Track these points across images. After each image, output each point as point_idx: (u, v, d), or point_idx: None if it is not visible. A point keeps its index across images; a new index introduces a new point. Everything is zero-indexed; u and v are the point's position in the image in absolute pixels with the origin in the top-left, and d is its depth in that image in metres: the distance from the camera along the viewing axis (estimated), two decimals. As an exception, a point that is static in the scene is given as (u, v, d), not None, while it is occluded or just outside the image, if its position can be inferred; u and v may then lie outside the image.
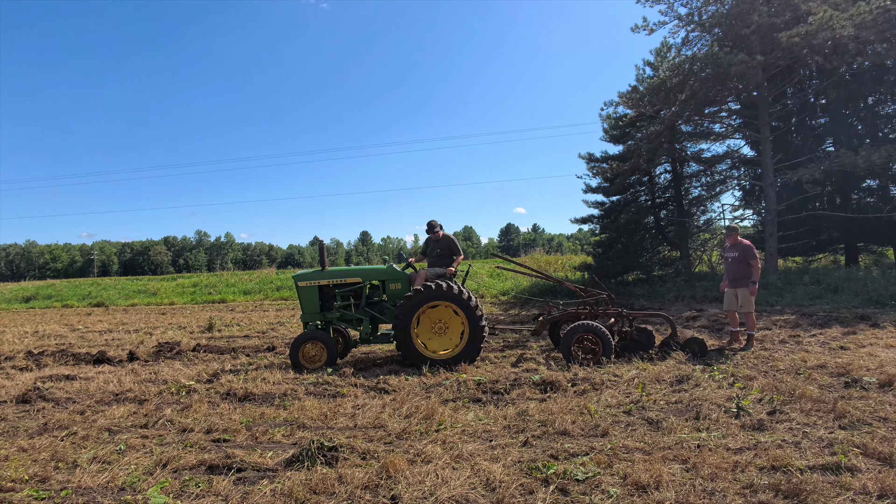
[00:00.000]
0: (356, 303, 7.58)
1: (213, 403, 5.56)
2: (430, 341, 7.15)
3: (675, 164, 20.14)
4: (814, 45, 13.91)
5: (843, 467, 3.42)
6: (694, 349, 6.97)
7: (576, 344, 6.77)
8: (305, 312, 7.65)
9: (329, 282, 7.63)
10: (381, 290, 7.73)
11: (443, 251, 7.86)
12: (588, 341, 6.77)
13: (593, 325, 6.80)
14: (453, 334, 7.14)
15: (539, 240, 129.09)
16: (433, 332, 7.18)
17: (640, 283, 17.91)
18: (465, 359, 6.99)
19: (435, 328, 7.17)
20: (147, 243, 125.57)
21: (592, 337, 6.76)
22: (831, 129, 17.67)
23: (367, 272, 7.77)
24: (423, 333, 7.15)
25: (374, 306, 7.67)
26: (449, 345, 7.13)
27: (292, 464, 3.79)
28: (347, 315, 7.52)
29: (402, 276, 7.62)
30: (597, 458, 3.71)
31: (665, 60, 17.61)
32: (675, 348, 7.03)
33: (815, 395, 4.92)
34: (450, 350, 7.07)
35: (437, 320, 7.16)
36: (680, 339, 7.19)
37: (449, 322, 7.15)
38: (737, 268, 7.83)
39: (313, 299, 7.61)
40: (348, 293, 7.62)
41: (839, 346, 7.37)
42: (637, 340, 7.24)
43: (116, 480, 3.61)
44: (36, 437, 4.68)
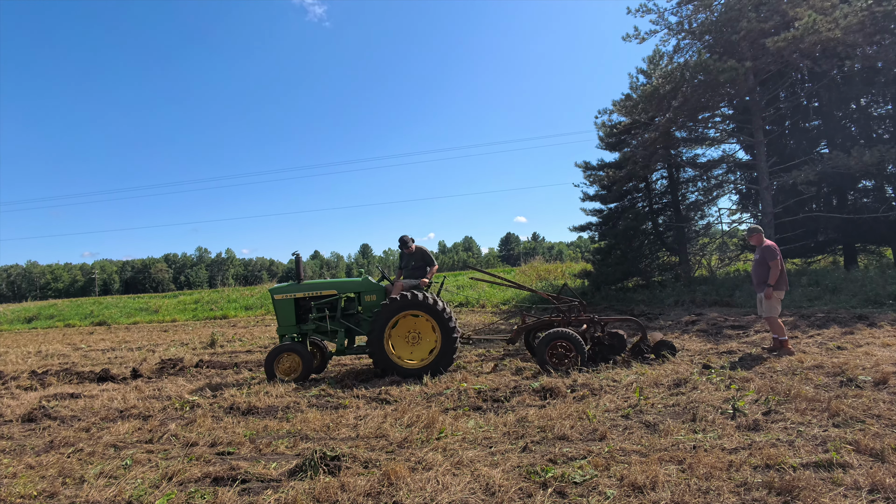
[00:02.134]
0: (332, 315, 7.66)
1: (216, 417, 5.63)
2: (404, 351, 7.23)
3: (671, 169, 20.30)
4: (802, 49, 14.11)
5: (835, 464, 3.49)
6: (664, 351, 7.17)
7: (550, 350, 6.91)
8: (282, 325, 7.74)
9: (305, 294, 7.72)
10: (357, 303, 7.84)
11: (417, 263, 8.00)
12: (562, 347, 6.92)
13: (567, 331, 6.96)
14: (427, 344, 7.22)
15: (539, 248, 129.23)
16: (407, 342, 7.26)
17: (640, 288, 17.97)
18: (437, 368, 7.05)
19: (409, 338, 7.26)
20: (148, 261, 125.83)
21: (566, 343, 6.92)
22: (825, 132, 17.83)
23: (342, 285, 7.88)
24: (397, 343, 7.24)
25: (349, 318, 7.77)
26: (422, 354, 7.20)
27: (296, 474, 3.86)
28: (323, 327, 7.60)
29: (378, 288, 7.73)
30: (594, 461, 3.77)
31: (657, 68, 17.83)
32: (647, 351, 7.20)
33: (811, 395, 4.98)
34: (423, 359, 7.15)
35: (411, 330, 7.25)
36: (650, 343, 7.36)
37: (422, 332, 7.24)
38: (758, 270, 7.52)
39: (289, 312, 7.70)
40: (324, 305, 7.71)
41: (836, 347, 7.43)
42: (609, 345, 7.37)
43: (123, 494, 3.68)
44: (43, 454, 4.75)
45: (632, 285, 18.76)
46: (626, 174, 18.22)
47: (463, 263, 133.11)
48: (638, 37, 17.42)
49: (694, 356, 7.45)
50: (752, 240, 7.70)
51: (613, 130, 20.56)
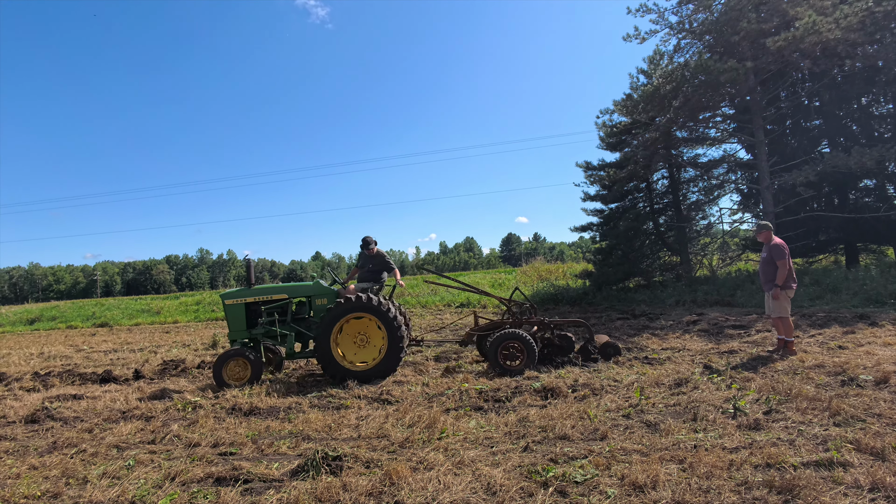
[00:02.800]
0: (282, 319, 7.65)
1: (218, 418, 5.65)
2: (353, 354, 7.21)
3: (672, 169, 20.28)
4: (802, 49, 14.10)
5: (835, 462, 3.50)
6: (609, 352, 7.43)
7: (502, 351, 7.02)
8: (232, 330, 7.67)
9: (256, 299, 7.68)
10: (308, 307, 7.83)
11: (375, 266, 8.02)
12: (513, 348, 7.03)
13: (518, 332, 7.08)
14: (374, 346, 7.21)
15: (540, 249, 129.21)
16: (355, 345, 7.25)
17: (641, 288, 17.96)
18: (384, 371, 7.04)
19: (357, 340, 7.24)
20: (149, 262, 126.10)
21: (518, 344, 7.03)
22: (826, 131, 17.80)
23: (293, 289, 7.86)
24: (345, 346, 7.21)
25: (300, 322, 7.75)
26: (370, 356, 7.19)
27: (298, 474, 3.88)
28: (273, 332, 7.55)
29: (329, 292, 7.70)
30: (595, 461, 3.79)
31: (658, 68, 17.83)
32: (593, 352, 7.42)
33: (812, 394, 4.99)
34: (370, 362, 7.13)
35: (359, 333, 7.24)
36: (597, 344, 7.57)
37: (370, 334, 7.23)
38: (766, 269, 7.33)
39: (240, 317, 7.64)
40: (274, 310, 7.68)
41: (837, 346, 7.43)
42: (559, 346, 7.56)
43: (126, 494, 3.70)
44: (46, 455, 4.77)
45: (633, 285, 18.75)
46: (627, 174, 18.22)
47: (464, 264, 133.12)
48: (638, 37, 17.42)
49: (695, 356, 7.45)
50: (760, 237, 7.51)
51: (614, 130, 20.55)
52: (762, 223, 7.45)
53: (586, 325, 7.77)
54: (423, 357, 8.82)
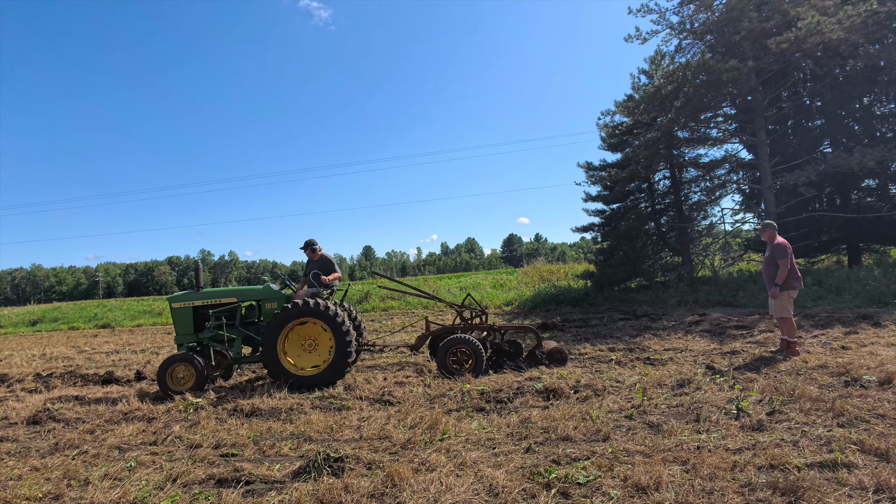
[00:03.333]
0: (231, 323, 7.56)
1: (220, 419, 5.64)
2: (300, 359, 7.15)
3: (674, 169, 20.25)
4: (804, 49, 14.07)
5: (839, 464, 3.48)
6: (556, 358, 7.46)
7: (451, 356, 7.08)
8: (179, 334, 7.56)
9: (204, 302, 7.57)
10: (258, 311, 7.73)
11: (321, 270, 7.95)
12: (461, 353, 7.10)
13: (467, 337, 7.15)
14: (322, 351, 7.15)
15: (542, 249, 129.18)
16: (303, 350, 7.18)
17: (643, 289, 17.92)
18: (332, 375, 6.94)
19: (305, 345, 7.18)
20: (151, 264, 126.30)
21: (466, 349, 7.08)
22: (828, 131, 17.77)
23: (242, 292, 7.75)
24: (293, 351, 7.15)
25: (249, 326, 7.65)
26: (317, 361, 7.13)
27: (299, 475, 3.87)
28: (220, 336, 7.45)
29: (279, 296, 7.61)
30: (598, 462, 3.77)
31: (659, 68, 17.80)
32: (541, 357, 7.46)
33: (815, 395, 4.96)
34: (318, 367, 7.06)
35: (307, 337, 7.18)
36: (545, 350, 7.59)
37: (318, 339, 7.16)
38: (768, 268, 7.31)
39: (187, 321, 7.53)
40: (223, 314, 7.58)
41: (840, 346, 7.40)
42: (507, 352, 7.63)
43: (128, 496, 3.70)
44: (48, 456, 4.77)
45: (635, 286, 18.72)
46: (628, 174, 18.18)
47: (465, 265, 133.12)
48: (640, 37, 17.41)
49: (698, 356, 7.43)
50: (763, 235, 7.50)
51: (616, 131, 20.53)
52: (766, 222, 7.43)
53: (535, 332, 7.86)
54: (424, 358, 8.81)
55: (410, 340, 9.40)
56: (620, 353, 8.09)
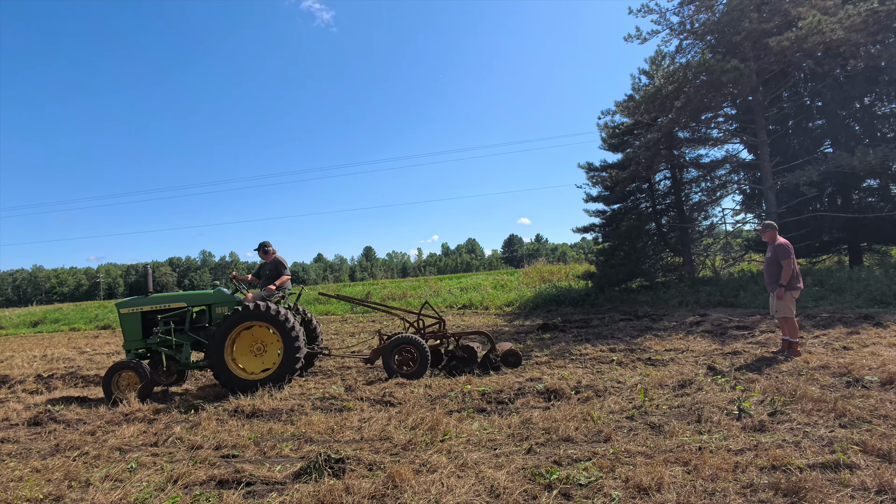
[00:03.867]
0: (181, 328, 7.50)
1: (221, 420, 5.64)
2: (250, 362, 7.11)
3: (675, 170, 20.24)
4: (805, 49, 14.06)
5: (842, 465, 3.47)
6: (511, 360, 7.57)
7: (396, 356, 7.13)
8: (127, 340, 7.47)
9: (152, 308, 7.51)
10: (208, 315, 7.66)
11: (272, 272, 7.91)
12: (407, 353, 7.15)
13: (412, 336, 7.19)
14: (271, 355, 7.11)
15: (542, 250, 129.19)
16: (252, 353, 7.15)
17: (644, 289, 17.91)
18: (280, 378, 6.88)
19: (254, 349, 7.15)
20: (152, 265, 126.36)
21: (412, 348, 7.14)
22: (829, 131, 17.76)
23: (192, 297, 7.70)
24: (243, 355, 7.12)
25: (200, 331, 7.59)
26: (266, 365, 7.08)
27: (300, 477, 3.86)
28: (168, 341, 7.38)
29: (230, 300, 7.57)
30: (599, 463, 3.76)
31: (660, 69, 17.80)
32: (495, 361, 7.52)
33: (817, 396, 4.95)
34: (267, 370, 7.02)
35: (257, 341, 7.15)
36: (499, 353, 7.66)
37: (267, 343, 7.14)
38: (770, 269, 7.30)
39: (136, 326, 7.45)
40: (171, 319, 7.52)
41: (842, 347, 7.39)
42: (462, 357, 7.66)
43: (129, 497, 3.69)
44: (49, 457, 4.76)
45: (636, 286, 18.71)
46: (629, 175, 18.16)
47: (466, 265, 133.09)
48: (640, 37, 17.40)
49: (699, 357, 7.42)
50: (765, 236, 7.49)
51: (616, 131, 20.53)
52: (767, 223, 7.43)
53: (488, 336, 7.94)
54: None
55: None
56: (621, 353, 8.08)
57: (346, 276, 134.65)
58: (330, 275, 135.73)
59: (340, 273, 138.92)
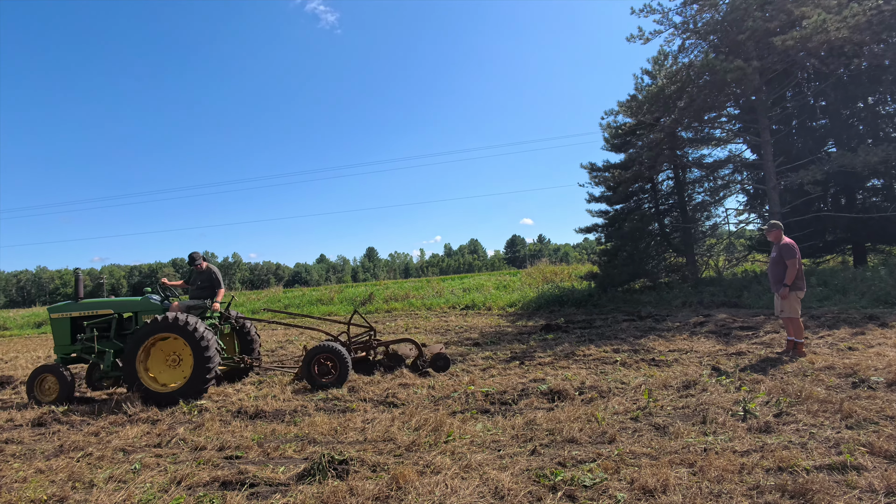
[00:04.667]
0: (106, 335, 7.52)
1: (224, 421, 5.64)
2: (163, 374, 7.06)
3: (677, 170, 20.17)
4: (809, 48, 14.00)
5: (849, 466, 3.45)
6: (439, 365, 7.66)
7: (315, 365, 7.10)
8: (57, 345, 7.56)
9: (81, 313, 7.56)
10: (135, 322, 7.65)
11: (204, 283, 7.89)
12: (327, 361, 7.14)
13: (331, 345, 7.17)
14: (185, 367, 7.02)
15: (545, 250, 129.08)
16: (167, 365, 7.10)
17: (647, 290, 17.86)
18: (190, 392, 6.74)
19: (169, 361, 7.09)
20: (155, 266, 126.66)
21: (330, 357, 7.12)
22: (832, 131, 17.69)
23: (120, 304, 7.72)
24: (157, 366, 7.07)
25: (125, 339, 7.52)
26: (179, 378, 7.01)
27: (304, 478, 3.85)
28: (90, 347, 7.40)
29: (157, 308, 7.57)
30: (604, 465, 3.74)
31: (662, 69, 17.76)
32: (422, 366, 7.67)
33: (822, 397, 4.93)
34: (178, 384, 6.93)
35: (172, 353, 7.09)
36: (427, 358, 7.79)
37: (182, 354, 7.06)
38: (775, 269, 7.24)
39: (65, 331, 7.52)
40: (95, 325, 7.53)
41: (847, 347, 7.35)
42: (389, 365, 7.80)
43: (133, 499, 3.69)
44: (52, 458, 4.77)
45: (639, 287, 18.66)
46: (631, 175, 18.11)
47: (468, 266, 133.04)
48: (642, 37, 17.33)
49: (703, 358, 7.39)
50: (770, 236, 7.43)
51: (619, 132, 20.47)
52: (773, 222, 7.39)
53: (414, 342, 8.06)
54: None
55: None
56: (625, 354, 8.06)
57: (348, 276, 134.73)
58: (332, 275, 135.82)
59: (343, 274, 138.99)
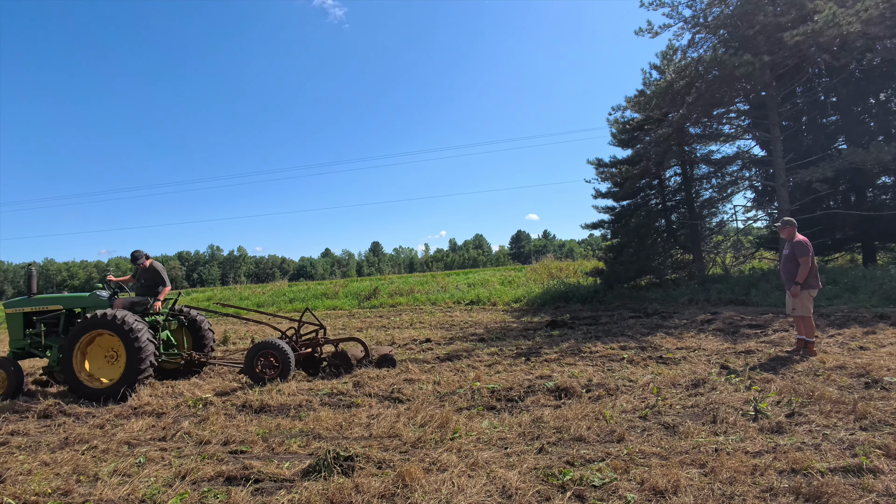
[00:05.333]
0: (55, 331, 7.67)
1: (229, 415, 5.62)
2: (100, 370, 7.14)
3: (685, 166, 20.01)
4: (820, 43, 13.79)
5: (864, 469, 3.38)
6: (384, 365, 7.72)
7: (258, 361, 7.11)
8: (11, 339, 7.79)
9: (33, 309, 7.73)
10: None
11: (147, 281, 7.92)
12: (271, 357, 7.14)
13: (274, 342, 7.19)
14: (122, 363, 7.03)
15: (550, 246, 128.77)
16: (106, 361, 7.17)
17: (654, 287, 17.74)
18: (124, 387, 6.73)
19: (107, 357, 7.17)
20: (161, 259, 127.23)
21: (273, 353, 7.13)
22: (843, 127, 17.49)
23: (69, 300, 7.88)
24: (97, 362, 7.17)
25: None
26: (115, 374, 7.04)
27: (309, 474, 3.82)
28: (37, 342, 7.56)
29: (103, 304, 7.68)
30: (613, 464, 3.69)
31: (671, 63, 17.56)
32: (367, 365, 7.74)
33: (835, 397, 4.85)
34: (112, 381, 6.96)
35: (109, 349, 7.16)
36: (374, 357, 7.90)
37: (119, 351, 7.08)
38: (787, 266, 7.13)
39: (18, 326, 7.73)
40: (49, 321, 7.69)
41: (858, 347, 7.25)
42: (335, 363, 7.75)
43: (137, 493, 3.66)
44: (58, 451, 4.76)
45: (645, 283, 18.53)
46: (639, 171, 17.96)
47: (473, 261, 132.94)
48: (651, 31, 17.13)
49: (711, 356, 7.31)
50: (783, 233, 7.32)
51: (626, 127, 20.30)
52: (786, 219, 7.28)
53: (361, 342, 8.14)
54: (433, 356, 8.75)
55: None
56: (632, 351, 7.98)
57: (353, 271, 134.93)
58: (337, 269, 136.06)
59: (348, 268, 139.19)
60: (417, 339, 10.68)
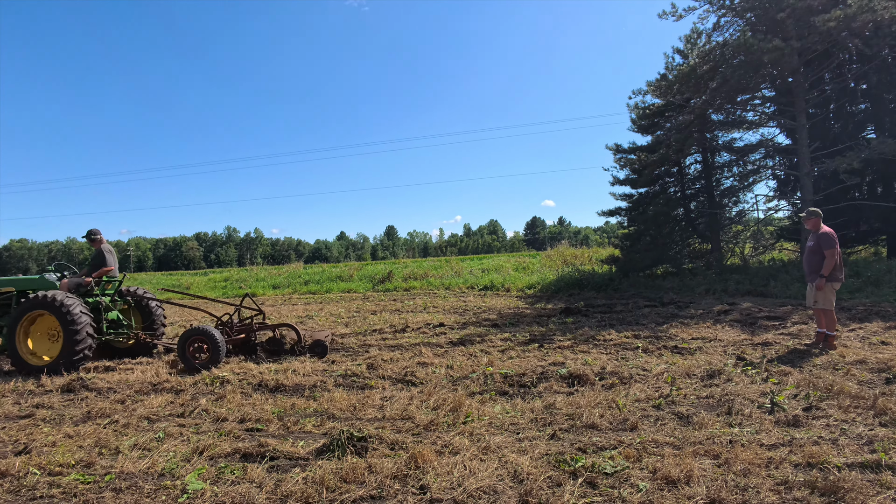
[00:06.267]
0: (8, 312, 7.86)
1: (245, 394, 5.72)
2: (46, 349, 7.41)
3: (706, 154, 19.60)
4: (853, 28, 13.31)
5: (883, 465, 3.33)
6: (317, 351, 7.84)
7: (189, 347, 7.21)
8: None
9: None
10: None
11: (93, 261, 8.15)
12: (198, 343, 7.22)
13: (205, 328, 7.29)
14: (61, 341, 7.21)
15: (565, 233, 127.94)
16: (50, 340, 7.44)
17: (670, 276, 17.55)
18: (62, 365, 7.00)
19: (51, 336, 7.41)
20: (180, 239, 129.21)
21: (203, 339, 7.23)
22: (872, 116, 16.94)
23: (20, 282, 8.14)
24: (41, 341, 7.45)
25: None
26: (55, 351, 7.27)
27: (323, 453, 3.88)
28: None
29: (52, 286, 7.89)
30: (625, 452, 3.69)
31: (695, 47, 17.09)
32: (301, 351, 7.89)
33: (854, 391, 4.77)
34: (53, 357, 7.21)
35: (52, 328, 7.37)
36: (306, 344, 7.99)
37: (60, 330, 7.26)
38: (812, 259, 6.98)
39: None
40: (1, 302, 7.91)
41: (880, 341, 7.10)
42: (269, 350, 8.00)
43: (156, 466, 3.76)
44: (80, 424, 4.90)
45: (661, 272, 18.33)
46: (658, 158, 17.64)
47: (487, 247, 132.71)
48: (675, 14, 16.68)
49: (727, 347, 7.23)
50: (808, 224, 7.15)
51: (647, 112, 19.90)
52: (812, 209, 7.11)
53: (293, 328, 8.21)
54: (446, 340, 8.79)
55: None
56: (646, 340, 7.93)
57: (367, 254, 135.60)
58: (352, 253, 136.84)
59: (363, 251, 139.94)
60: (431, 323, 10.72)
